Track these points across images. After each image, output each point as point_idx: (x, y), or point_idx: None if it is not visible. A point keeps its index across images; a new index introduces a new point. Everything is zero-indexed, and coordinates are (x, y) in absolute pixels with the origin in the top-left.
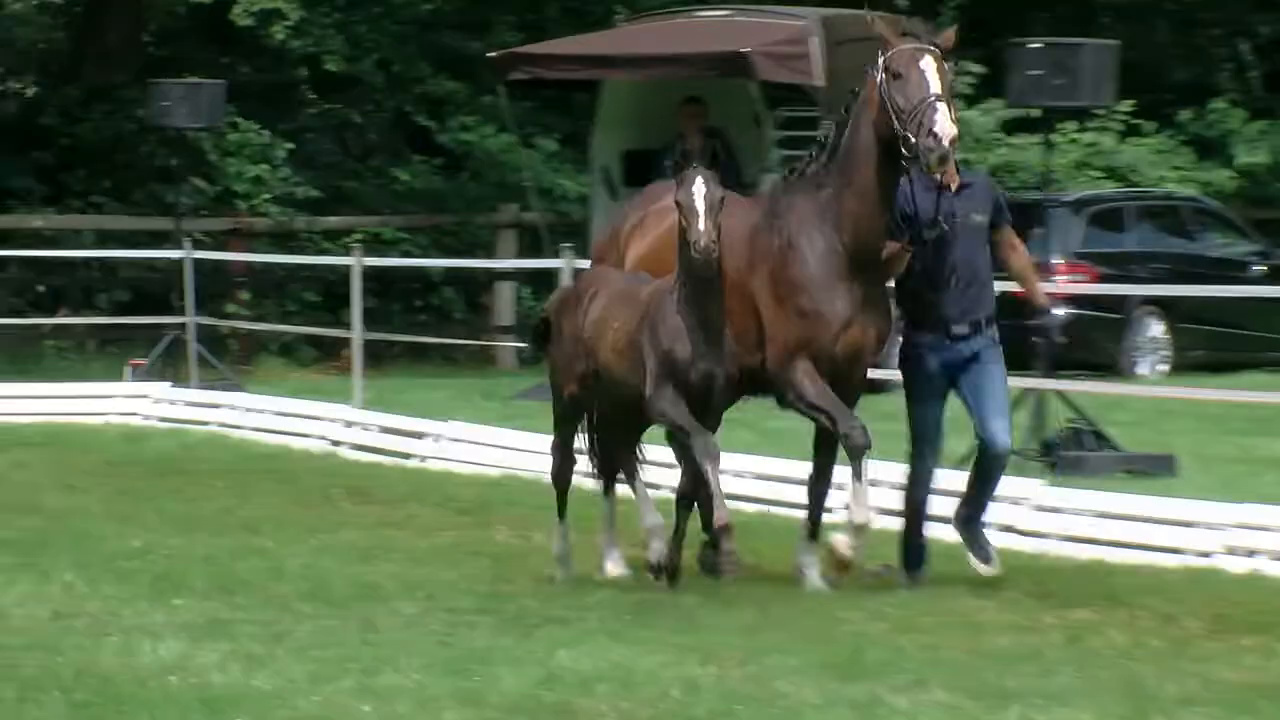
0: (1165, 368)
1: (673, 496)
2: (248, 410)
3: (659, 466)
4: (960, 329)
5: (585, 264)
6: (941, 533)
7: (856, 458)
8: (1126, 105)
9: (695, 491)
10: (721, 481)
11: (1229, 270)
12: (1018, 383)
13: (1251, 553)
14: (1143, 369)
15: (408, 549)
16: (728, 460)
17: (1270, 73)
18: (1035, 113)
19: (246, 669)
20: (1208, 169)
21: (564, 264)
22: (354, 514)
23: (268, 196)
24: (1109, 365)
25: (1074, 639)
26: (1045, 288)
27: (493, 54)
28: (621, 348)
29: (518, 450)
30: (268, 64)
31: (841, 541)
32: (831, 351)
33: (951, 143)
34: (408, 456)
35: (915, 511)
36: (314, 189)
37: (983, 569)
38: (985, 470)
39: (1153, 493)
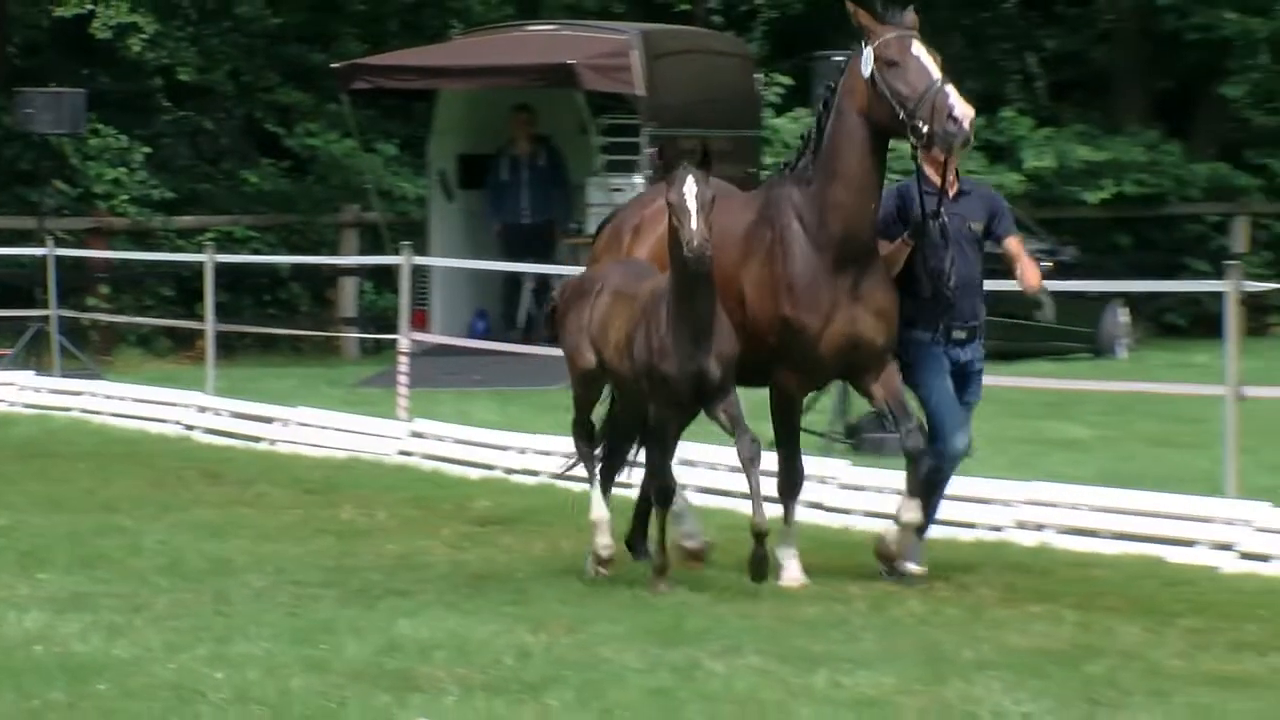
0: None
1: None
2: (108, 397)
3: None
4: (959, 334)
5: (423, 260)
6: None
7: (784, 498)
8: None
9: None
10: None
11: None
12: None
13: (1040, 527)
14: None
15: (257, 526)
16: (537, 441)
17: (1055, 83)
18: None
19: (107, 639)
20: (998, 172)
21: (403, 260)
22: (207, 494)
23: (126, 198)
24: None
25: (877, 607)
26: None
27: (336, 65)
28: (623, 348)
29: (361, 434)
30: (126, 74)
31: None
32: (815, 355)
33: (971, 124)
34: (257, 440)
35: (940, 496)
36: (169, 191)
37: (914, 568)
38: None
39: None
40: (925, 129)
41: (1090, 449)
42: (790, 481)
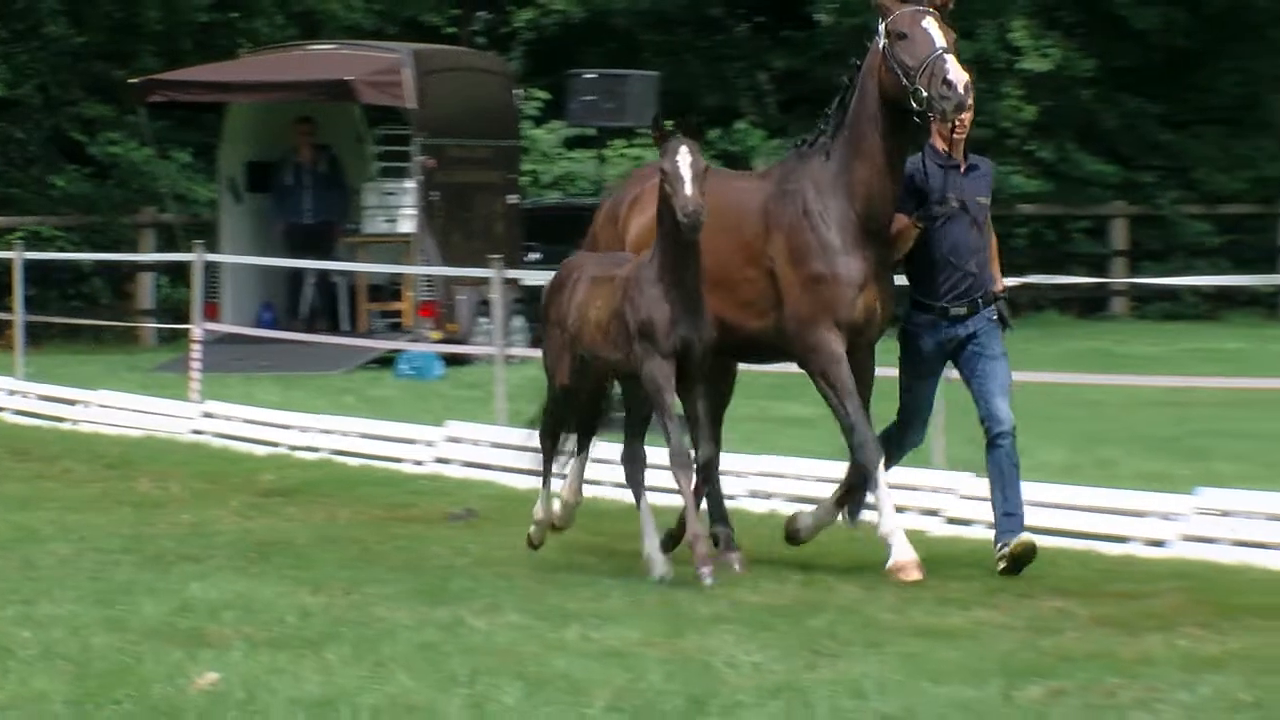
0: None
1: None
2: None
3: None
4: (958, 309)
5: (214, 258)
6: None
7: (866, 473)
8: (665, 125)
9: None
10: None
11: None
12: None
13: (769, 496)
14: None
15: (62, 499)
16: (317, 420)
17: (783, 100)
18: (591, 131)
19: None
20: None
21: (196, 257)
22: (16, 469)
23: None
24: None
25: (624, 569)
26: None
27: (134, 80)
28: (605, 324)
29: (157, 414)
30: None
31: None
32: (851, 315)
33: (966, 89)
34: (62, 420)
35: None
36: None
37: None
38: (998, 460)
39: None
40: (925, 95)
41: (814, 426)
42: (861, 464)
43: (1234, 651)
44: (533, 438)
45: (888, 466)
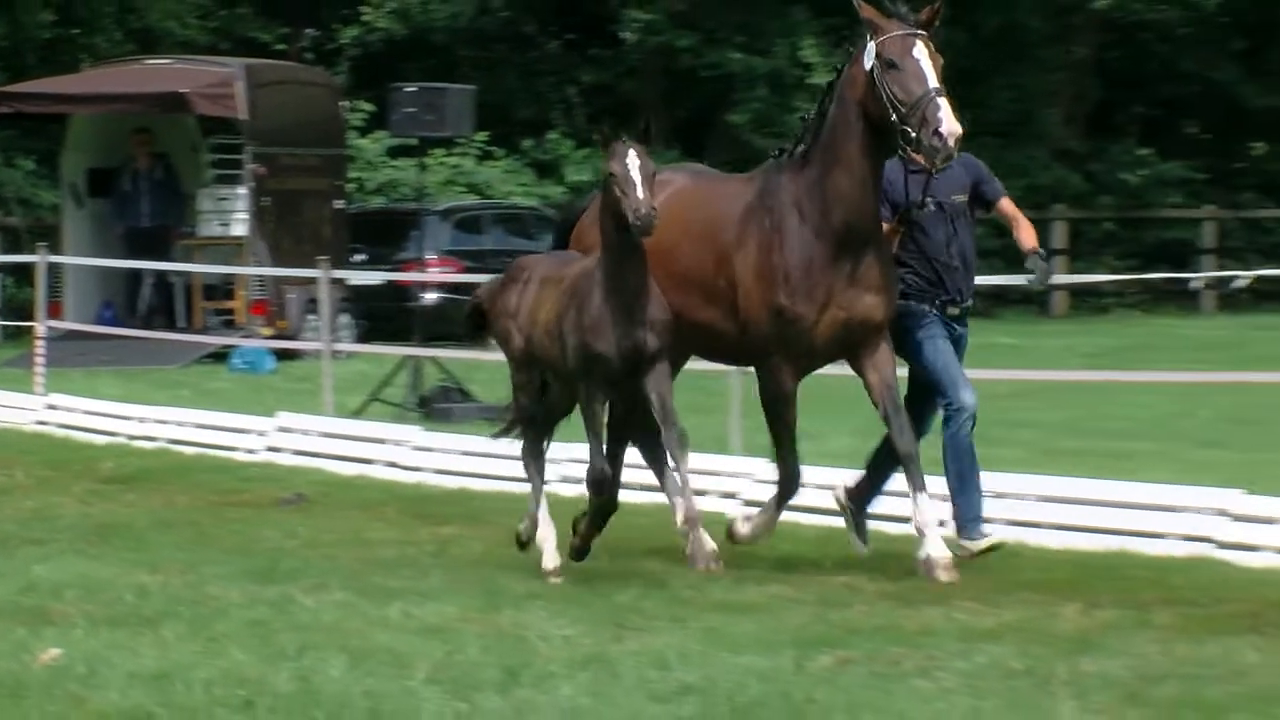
0: None
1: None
2: None
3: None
4: (953, 310)
5: (57, 259)
6: (366, 470)
7: (777, 502)
8: (482, 136)
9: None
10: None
11: None
12: (400, 351)
13: (580, 481)
14: None
15: None
16: (155, 411)
17: (591, 112)
18: (412, 141)
19: None
20: (544, 185)
21: (40, 259)
22: None
23: None
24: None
25: (442, 549)
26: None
27: None
28: (552, 331)
29: (2, 407)
30: None
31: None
32: (809, 344)
33: (956, 141)
34: None
35: (972, 457)
36: None
37: (860, 548)
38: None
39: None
40: (914, 137)
41: None
42: (784, 487)
43: (1007, 623)
44: (366, 427)
45: (965, 444)
